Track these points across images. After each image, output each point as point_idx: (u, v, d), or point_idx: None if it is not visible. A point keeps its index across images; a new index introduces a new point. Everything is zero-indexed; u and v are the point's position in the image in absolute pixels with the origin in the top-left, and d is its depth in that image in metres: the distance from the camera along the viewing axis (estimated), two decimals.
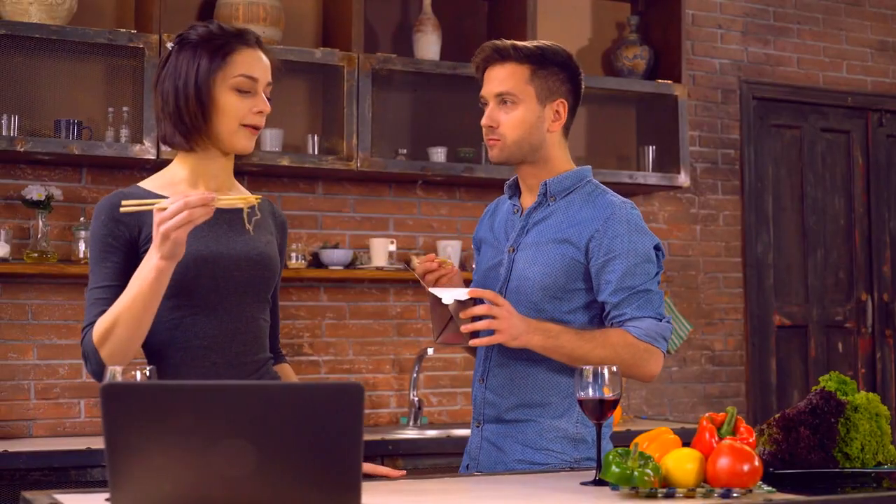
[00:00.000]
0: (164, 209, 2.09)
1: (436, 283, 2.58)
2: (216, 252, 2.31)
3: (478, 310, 2.40)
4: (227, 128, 2.33)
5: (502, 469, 2.54)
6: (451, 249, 4.60)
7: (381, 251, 4.46)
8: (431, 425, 4.52)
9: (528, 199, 2.67)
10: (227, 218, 2.37)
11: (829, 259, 5.65)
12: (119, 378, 1.95)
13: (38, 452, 3.58)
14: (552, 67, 2.60)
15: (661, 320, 2.52)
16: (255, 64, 2.36)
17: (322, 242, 4.54)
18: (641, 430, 4.14)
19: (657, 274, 2.56)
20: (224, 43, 2.34)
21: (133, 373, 1.95)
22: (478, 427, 2.63)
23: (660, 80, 4.94)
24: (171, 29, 4.14)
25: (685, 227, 5.30)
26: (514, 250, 2.63)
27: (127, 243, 2.27)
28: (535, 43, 2.62)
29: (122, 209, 2.18)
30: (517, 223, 2.66)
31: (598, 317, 2.58)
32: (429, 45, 4.59)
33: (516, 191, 2.71)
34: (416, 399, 4.45)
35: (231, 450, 1.56)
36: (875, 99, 5.77)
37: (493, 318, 2.40)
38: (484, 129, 2.63)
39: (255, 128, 2.36)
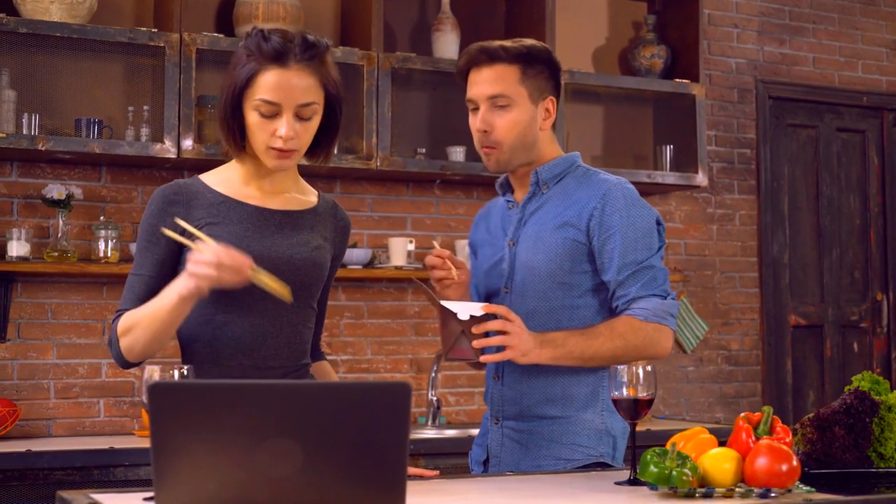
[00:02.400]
0: (202, 251, 2.11)
1: (439, 285, 2.54)
2: (259, 254, 2.24)
3: (491, 325, 2.36)
4: (257, 147, 2.28)
5: (528, 465, 2.52)
6: (469, 249, 4.57)
7: (400, 251, 4.46)
8: (450, 425, 4.51)
9: (521, 194, 2.65)
10: (277, 219, 2.32)
11: (844, 259, 5.64)
12: (157, 377, 1.96)
13: (60, 452, 3.58)
14: (539, 66, 2.57)
15: (665, 297, 2.49)
16: (278, 88, 2.21)
17: None
18: (661, 430, 4.20)
19: (660, 248, 2.53)
20: (259, 59, 2.23)
21: (171, 372, 1.96)
22: (496, 423, 2.60)
23: (677, 80, 4.94)
24: (190, 28, 4.14)
25: (701, 226, 5.29)
26: (514, 244, 2.60)
27: (173, 238, 2.25)
28: (520, 42, 2.58)
29: (162, 231, 2.22)
30: (514, 217, 2.64)
31: (607, 300, 2.54)
32: (448, 45, 4.59)
33: (508, 188, 2.69)
34: (435, 399, 4.44)
35: (276, 449, 1.56)
36: (890, 98, 5.77)
37: (506, 333, 2.37)
38: (476, 135, 2.58)
39: (283, 151, 2.24)
